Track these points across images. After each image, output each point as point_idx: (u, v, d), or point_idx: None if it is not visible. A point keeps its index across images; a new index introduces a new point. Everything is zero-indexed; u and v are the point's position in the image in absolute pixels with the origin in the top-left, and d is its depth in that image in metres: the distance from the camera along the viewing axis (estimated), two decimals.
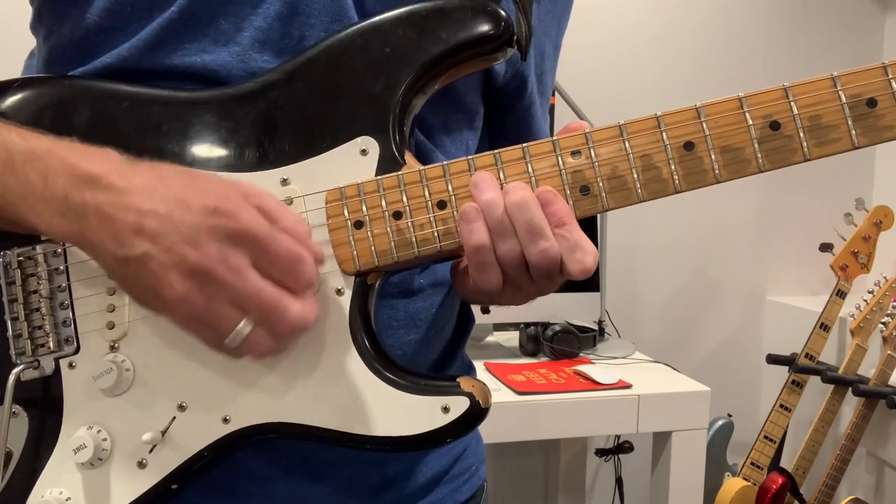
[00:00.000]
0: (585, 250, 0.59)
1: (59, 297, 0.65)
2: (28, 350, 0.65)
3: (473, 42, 0.63)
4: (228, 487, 0.68)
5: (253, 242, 0.54)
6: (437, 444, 0.62)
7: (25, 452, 0.65)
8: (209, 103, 0.64)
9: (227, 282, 0.53)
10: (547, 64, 0.82)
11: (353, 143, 0.63)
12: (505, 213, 0.59)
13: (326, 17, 0.65)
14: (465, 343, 0.85)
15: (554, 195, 0.59)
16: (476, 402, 0.60)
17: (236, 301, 0.54)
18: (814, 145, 0.59)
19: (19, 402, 0.65)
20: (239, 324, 0.54)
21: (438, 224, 0.61)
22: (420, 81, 0.63)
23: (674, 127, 0.60)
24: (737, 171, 0.60)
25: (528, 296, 0.64)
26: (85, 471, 0.63)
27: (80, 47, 0.67)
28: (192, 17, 0.64)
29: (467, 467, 0.83)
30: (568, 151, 0.61)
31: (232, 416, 0.62)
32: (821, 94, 0.59)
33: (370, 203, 0.62)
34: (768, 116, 0.59)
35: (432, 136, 0.72)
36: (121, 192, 0.54)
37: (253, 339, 0.55)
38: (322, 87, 0.63)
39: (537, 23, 0.75)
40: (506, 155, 0.61)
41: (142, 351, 0.63)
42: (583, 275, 0.59)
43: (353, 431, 0.61)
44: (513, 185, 0.60)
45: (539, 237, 0.58)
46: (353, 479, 0.72)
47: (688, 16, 2.58)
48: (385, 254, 0.62)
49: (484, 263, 0.60)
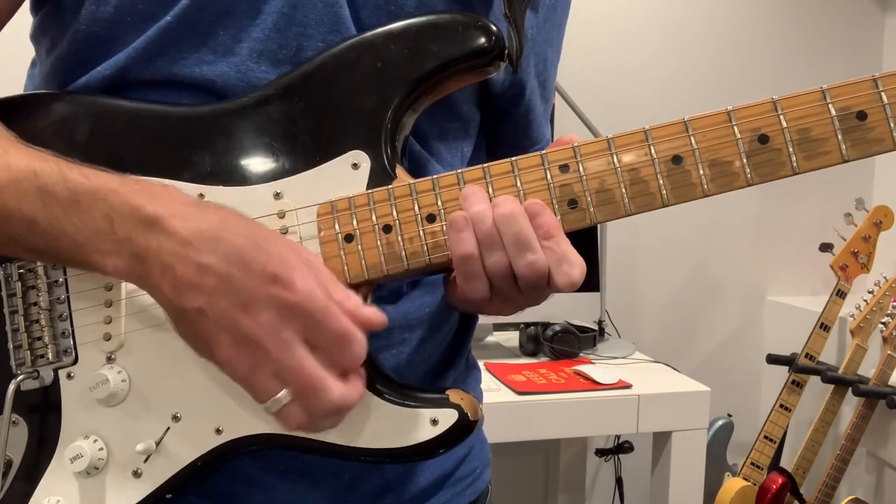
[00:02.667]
0: (573, 263, 0.60)
1: (58, 309, 0.66)
2: (28, 361, 0.66)
3: (465, 57, 0.63)
4: (229, 494, 0.69)
5: (307, 316, 0.54)
6: (426, 456, 0.62)
7: (25, 461, 0.66)
8: (206, 118, 0.65)
9: (274, 354, 0.54)
10: (550, 70, 0.82)
11: (344, 157, 0.64)
12: (493, 225, 0.59)
13: (324, 28, 0.66)
14: (468, 341, 0.85)
15: (542, 207, 0.60)
16: (464, 414, 0.61)
17: (279, 373, 0.55)
18: (803, 158, 0.59)
19: (19, 412, 0.66)
20: (279, 394, 0.55)
21: (428, 238, 0.62)
22: (412, 96, 0.64)
23: (661, 140, 0.60)
24: (725, 184, 0.60)
25: (516, 306, 0.64)
26: (81, 479, 0.64)
27: (79, 58, 0.68)
28: (189, 27, 0.65)
29: (471, 470, 0.83)
30: (556, 165, 0.61)
31: (224, 428, 0.63)
32: (810, 108, 0.59)
33: (360, 216, 0.62)
34: (756, 130, 0.59)
35: (427, 143, 0.72)
36: (183, 243, 0.54)
37: (288, 411, 0.56)
38: (315, 101, 0.64)
39: (535, 31, 0.76)
40: (494, 168, 0.62)
41: (138, 362, 0.64)
42: (570, 287, 0.60)
43: (341, 443, 0.62)
44: (501, 199, 0.60)
45: (526, 249, 0.59)
46: (352, 483, 0.72)
47: (688, 16, 2.58)
48: (375, 267, 0.62)
49: (471, 273, 0.60)
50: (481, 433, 0.88)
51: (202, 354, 0.57)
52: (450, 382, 0.79)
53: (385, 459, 0.62)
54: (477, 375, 0.89)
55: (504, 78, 0.74)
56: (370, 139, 0.64)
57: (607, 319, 2.29)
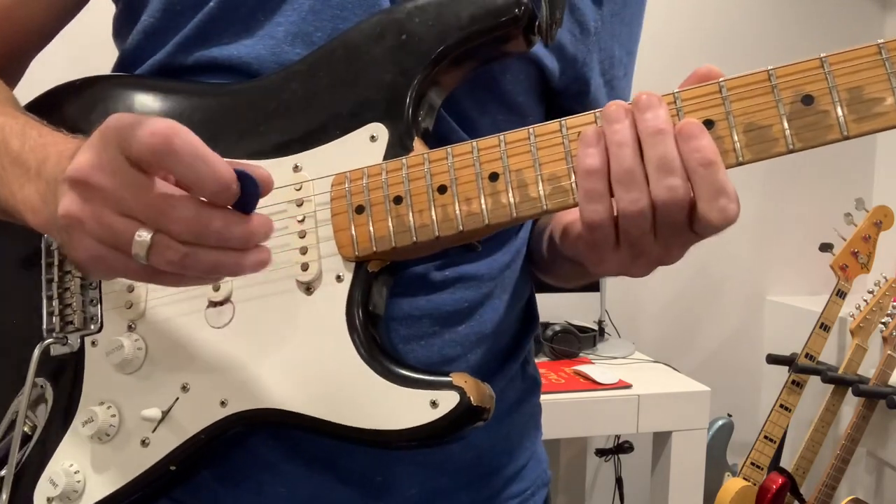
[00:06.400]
0: (731, 196, 0.52)
1: (90, 278, 0.68)
2: (58, 327, 0.68)
3: (491, 27, 0.62)
4: (253, 481, 0.68)
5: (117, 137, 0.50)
6: (426, 441, 0.60)
7: (48, 424, 0.68)
8: (238, 94, 0.67)
9: (106, 188, 0.50)
10: (618, 69, 0.79)
11: (363, 130, 0.64)
12: (634, 151, 0.53)
13: (360, 10, 0.66)
14: (525, 346, 0.79)
15: (700, 129, 0.53)
16: (466, 397, 0.58)
17: (120, 208, 0.50)
18: (853, 121, 0.53)
19: (47, 377, 0.68)
20: (137, 233, 0.49)
21: (438, 210, 0.60)
22: (436, 69, 0.63)
23: (690, 103, 0.56)
24: (762, 151, 0.54)
25: (647, 260, 0.58)
26: (94, 445, 0.66)
27: (139, 49, 0.70)
28: (232, 11, 0.66)
29: (520, 491, 0.79)
30: (576, 131, 0.58)
31: (229, 400, 0.63)
32: (862, 62, 0.52)
33: (372, 187, 0.62)
34: (800, 89, 0.54)
35: (477, 134, 0.67)
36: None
37: (158, 246, 0.49)
38: (338, 76, 0.64)
39: (599, 25, 0.74)
40: (510, 136, 0.59)
41: (156, 332, 0.65)
42: (726, 223, 0.53)
43: (341, 422, 0.61)
44: (650, 114, 0.54)
45: (669, 174, 0.52)
46: (385, 487, 0.69)
47: (687, 17, 2.59)
48: (383, 239, 0.61)
49: (592, 192, 0.54)
50: (538, 450, 0.83)
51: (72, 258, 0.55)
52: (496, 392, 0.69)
53: (379, 442, 0.60)
54: (537, 392, 0.84)
55: (562, 70, 0.72)
56: (390, 112, 0.63)
57: (607, 319, 2.28)
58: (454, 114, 0.68)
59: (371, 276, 0.63)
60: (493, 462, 0.76)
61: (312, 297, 0.63)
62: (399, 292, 0.67)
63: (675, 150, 0.53)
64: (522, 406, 0.81)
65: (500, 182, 0.59)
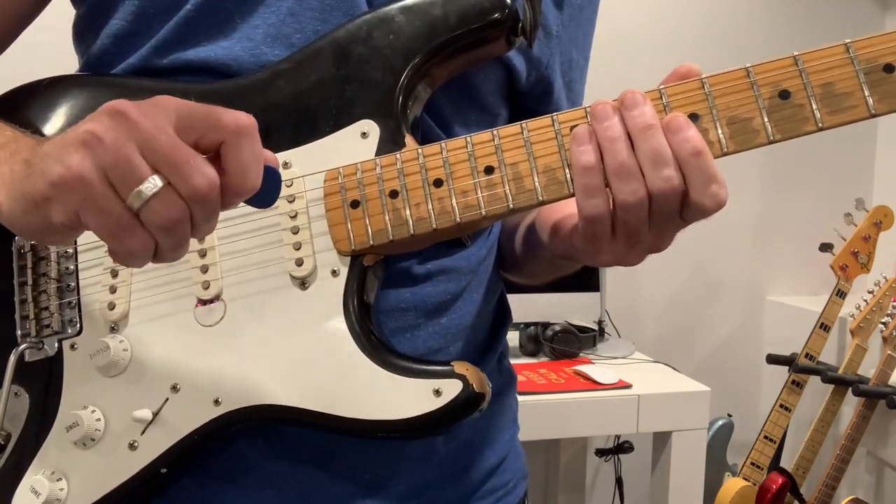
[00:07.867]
0: (720, 182, 0.56)
1: (66, 280, 0.66)
2: (33, 331, 0.66)
3: (477, 28, 0.63)
4: (240, 484, 0.67)
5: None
6: (430, 430, 0.61)
7: (24, 434, 0.65)
8: (221, 92, 0.66)
9: (142, 125, 0.48)
10: (575, 72, 0.81)
11: (354, 127, 0.64)
12: (628, 147, 0.56)
13: (339, 12, 0.66)
14: (500, 340, 0.82)
15: (686, 122, 0.56)
16: (469, 385, 0.60)
17: (144, 147, 0.48)
18: (827, 114, 0.57)
19: (21, 384, 0.65)
20: (151, 176, 0.48)
21: (435, 203, 0.61)
22: (424, 66, 0.64)
23: (677, 98, 0.59)
24: (744, 142, 0.58)
25: (641, 248, 0.60)
26: (77, 451, 0.64)
27: (107, 53, 0.70)
28: (209, 14, 0.66)
29: (502, 484, 0.80)
30: (568, 126, 0.60)
31: (223, 399, 0.62)
32: (833, 60, 0.57)
33: (367, 182, 0.62)
34: (777, 85, 0.57)
35: (451, 132, 0.72)
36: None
37: (163, 197, 0.48)
38: (327, 73, 0.65)
39: (560, 29, 0.76)
40: (503, 131, 0.61)
41: (140, 332, 0.64)
42: (718, 207, 0.56)
43: (342, 414, 0.61)
44: (637, 111, 0.56)
45: (664, 166, 0.55)
46: (374, 484, 0.70)
47: (687, 17, 2.59)
48: (380, 233, 0.62)
49: (590, 187, 0.57)
50: (516, 444, 0.85)
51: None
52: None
53: (386, 432, 0.61)
54: (513, 385, 0.85)
55: (529, 72, 0.74)
56: (380, 109, 0.64)
57: (607, 319, 2.28)
58: (430, 112, 0.69)
59: (366, 270, 0.63)
60: (476, 455, 0.78)
61: (307, 291, 0.63)
62: (385, 285, 0.67)
63: (666, 143, 0.55)
64: (501, 399, 0.82)
65: (495, 175, 0.61)
